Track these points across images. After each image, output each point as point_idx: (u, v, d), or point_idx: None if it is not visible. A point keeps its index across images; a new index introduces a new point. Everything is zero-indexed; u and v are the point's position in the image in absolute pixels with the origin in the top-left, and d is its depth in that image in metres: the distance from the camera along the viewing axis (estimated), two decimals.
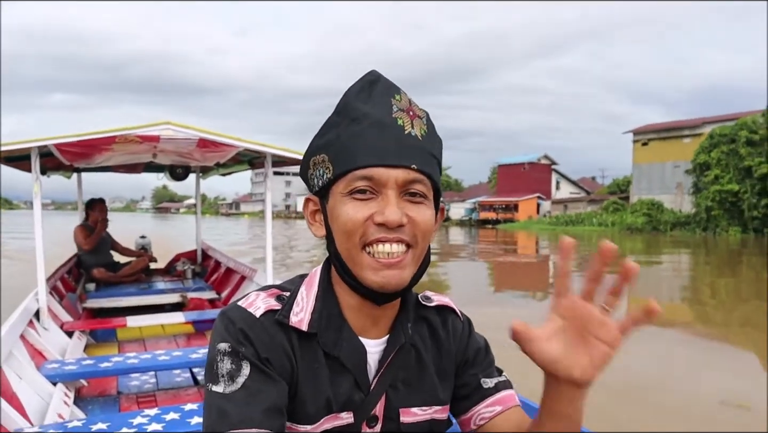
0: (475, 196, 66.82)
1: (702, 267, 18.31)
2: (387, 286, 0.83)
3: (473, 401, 0.98)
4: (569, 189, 63.61)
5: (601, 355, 0.74)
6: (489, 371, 1.01)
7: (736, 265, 18.71)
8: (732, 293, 12.39)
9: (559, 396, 0.79)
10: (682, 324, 8.54)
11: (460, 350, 1.00)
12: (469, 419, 0.98)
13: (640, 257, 20.29)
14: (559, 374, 0.76)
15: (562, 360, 0.75)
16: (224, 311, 0.87)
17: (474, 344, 1.01)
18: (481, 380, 0.98)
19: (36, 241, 3.90)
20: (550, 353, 0.75)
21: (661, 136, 47.50)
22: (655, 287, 12.91)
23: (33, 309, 3.80)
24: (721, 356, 6.86)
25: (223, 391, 0.80)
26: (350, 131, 0.84)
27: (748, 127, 37.61)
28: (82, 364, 3.18)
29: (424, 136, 0.85)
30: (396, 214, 0.80)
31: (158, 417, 2.36)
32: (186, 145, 4.16)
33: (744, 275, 15.83)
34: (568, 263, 0.74)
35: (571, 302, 0.75)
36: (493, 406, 0.96)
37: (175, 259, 7.32)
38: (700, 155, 40.22)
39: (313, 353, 0.88)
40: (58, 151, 3.88)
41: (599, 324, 0.73)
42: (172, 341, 4.56)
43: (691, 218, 41.30)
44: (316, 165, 0.88)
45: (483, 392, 0.98)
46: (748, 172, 37.41)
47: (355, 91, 0.87)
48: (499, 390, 0.98)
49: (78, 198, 7.37)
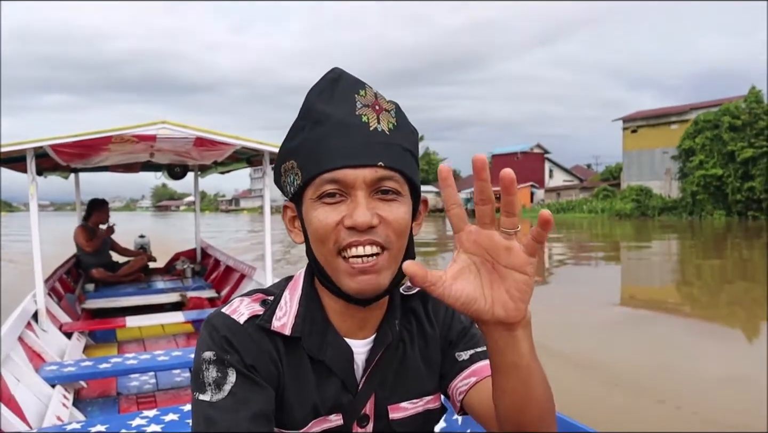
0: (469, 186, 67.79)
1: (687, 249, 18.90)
2: (364, 291, 0.81)
3: (450, 377, 0.95)
4: (563, 177, 64.78)
5: (517, 284, 0.67)
6: (469, 345, 0.96)
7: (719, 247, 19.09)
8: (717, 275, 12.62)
9: (497, 345, 0.72)
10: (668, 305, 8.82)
11: (443, 334, 0.97)
12: (452, 397, 0.96)
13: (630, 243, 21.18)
14: (482, 316, 0.69)
15: (478, 299, 0.68)
16: (208, 318, 0.86)
17: (457, 324, 0.98)
18: (456, 354, 0.95)
19: (33, 242, 3.89)
20: (462, 293, 0.68)
21: (650, 123, 48.29)
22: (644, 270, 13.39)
23: (31, 311, 3.79)
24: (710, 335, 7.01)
25: (210, 399, 0.79)
26: (314, 134, 0.82)
27: (731, 113, 38.60)
28: (80, 365, 3.17)
29: (392, 130, 0.83)
30: (364, 216, 0.78)
31: (157, 418, 2.35)
32: (183, 144, 4.14)
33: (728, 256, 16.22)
34: (453, 190, 0.67)
35: (472, 233, 0.68)
36: (468, 378, 0.93)
37: (174, 258, 7.31)
38: (686, 141, 41.37)
39: (298, 357, 0.87)
40: (54, 152, 3.86)
41: (505, 250, 0.67)
42: (172, 340, 4.54)
43: (677, 203, 42.48)
44: (286, 172, 0.86)
45: (458, 366, 0.95)
46: (731, 157, 38.52)
47: (316, 92, 0.85)
48: (474, 361, 0.94)
49: (76, 198, 7.36)
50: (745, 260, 14.99)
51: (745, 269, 13.24)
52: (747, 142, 37.65)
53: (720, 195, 39.45)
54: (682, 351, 6.09)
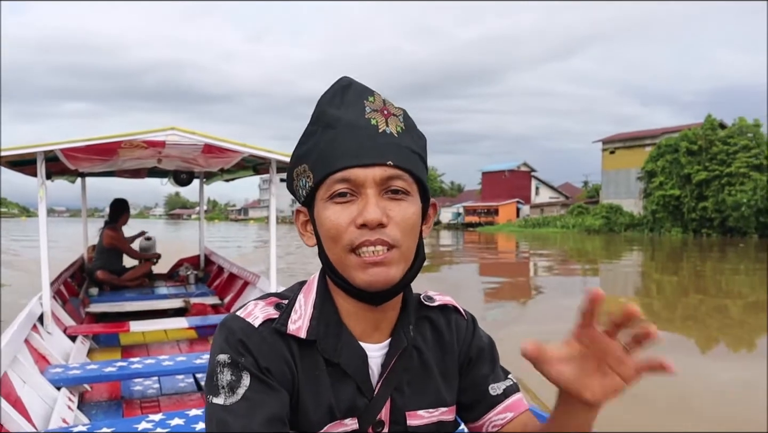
0: (465, 201, 72.30)
1: (635, 258, 22.06)
2: (375, 284, 0.82)
3: (483, 409, 0.98)
4: (549, 194, 68.37)
5: (613, 384, 0.75)
6: (495, 373, 1.00)
7: (673, 260, 21.32)
8: (668, 286, 13.56)
9: (568, 410, 0.81)
10: None
11: (464, 349, 0.99)
12: (480, 426, 0.98)
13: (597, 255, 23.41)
14: (570, 393, 0.77)
15: (574, 383, 0.76)
16: (223, 321, 0.87)
17: (478, 342, 1.01)
18: (489, 387, 0.98)
19: (41, 245, 3.92)
20: (564, 376, 0.76)
21: (626, 144, 52.75)
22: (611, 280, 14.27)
23: (37, 313, 3.81)
24: None
25: (223, 403, 0.80)
26: (326, 137, 0.84)
27: (689, 139, 43.47)
28: (86, 368, 3.18)
29: (400, 133, 0.85)
30: (375, 213, 0.80)
31: (163, 422, 2.36)
32: (191, 150, 4.17)
33: (673, 266, 18.17)
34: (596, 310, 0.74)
35: (595, 333, 0.75)
36: (505, 413, 0.97)
37: (177, 264, 7.33)
38: (648, 164, 46.05)
39: (313, 360, 0.88)
40: (65, 156, 3.90)
41: (618, 359, 0.74)
42: (175, 346, 4.56)
43: (641, 220, 47.20)
44: (298, 176, 0.89)
45: (492, 400, 0.98)
46: (687, 179, 43.35)
47: (327, 98, 0.87)
48: (508, 396, 0.98)
49: (82, 203, 7.40)
50: (699, 275, 15.95)
51: (691, 282, 14.16)
52: (702, 165, 42.45)
53: (678, 213, 44.19)
54: None
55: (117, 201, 6.47)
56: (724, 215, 40.83)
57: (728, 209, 40.22)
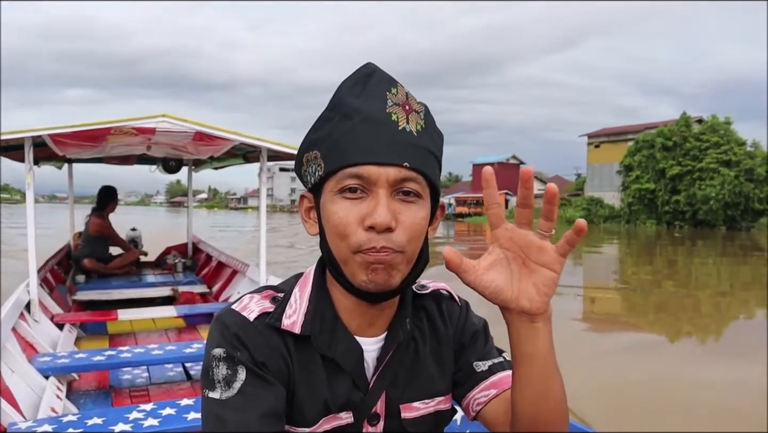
0: (457, 192, 73.59)
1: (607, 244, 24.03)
2: (375, 286, 0.81)
3: (467, 387, 0.96)
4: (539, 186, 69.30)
5: (544, 280, 0.75)
6: (484, 352, 0.98)
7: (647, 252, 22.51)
8: None
9: (518, 335, 0.80)
10: None
11: (457, 335, 0.98)
12: (467, 405, 0.96)
13: None
14: (508, 305, 0.77)
15: (506, 290, 0.76)
16: (219, 315, 0.86)
17: (471, 327, 0.99)
18: (474, 364, 0.96)
19: (28, 232, 3.86)
20: (492, 283, 0.76)
21: (610, 139, 54.69)
22: None
23: (24, 301, 3.77)
24: None
25: (219, 397, 0.79)
26: (342, 127, 0.81)
27: (664, 135, 45.67)
28: (74, 357, 3.15)
29: (420, 132, 0.83)
30: (385, 216, 0.78)
31: (154, 412, 2.35)
32: (182, 138, 4.13)
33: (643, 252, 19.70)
34: (494, 191, 0.74)
35: (508, 231, 0.76)
36: (488, 390, 0.94)
37: (165, 252, 7.26)
38: (626, 158, 48.22)
39: (309, 354, 0.87)
40: (53, 141, 3.84)
41: (538, 249, 0.75)
42: (163, 334, 4.53)
43: (619, 212, 49.41)
44: (308, 162, 0.86)
45: (477, 377, 0.95)
46: (662, 174, 45.49)
47: (348, 85, 0.84)
48: (494, 372, 0.95)
49: (69, 189, 7.32)
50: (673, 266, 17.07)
51: None
52: (676, 161, 44.82)
53: (652, 206, 46.43)
54: None
55: (105, 188, 6.38)
56: (695, 208, 43.33)
57: (698, 203, 42.80)
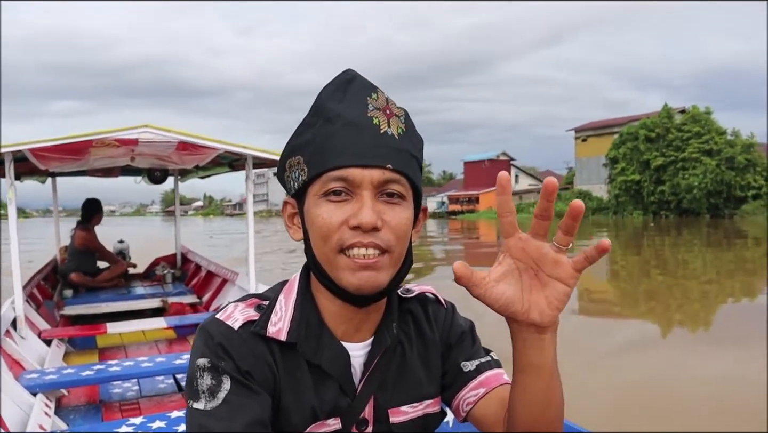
0: (449, 190, 74.32)
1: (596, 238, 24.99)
2: (363, 288, 0.81)
3: (456, 388, 0.95)
4: (529, 181, 70.15)
5: (557, 294, 0.73)
6: (471, 352, 0.97)
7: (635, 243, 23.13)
8: None
9: (524, 345, 0.78)
10: None
11: (443, 337, 0.98)
12: (457, 406, 0.96)
13: None
14: (517, 318, 0.75)
15: (516, 302, 0.74)
16: (203, 325, 0.86)
17: (457, 328, 0.99)
18: (461, 364, 0.96)
19: (11, 247, 3.81)
20: (503, 295, 0.74)
21: (597, 133, 55.77)
22: None
23: (10, 318, 3.71)
24: None
25: (204, 408, 0.79)
26: (325, 132, 0.82)
27: (647, 127, 46.85)
28: (62, 373, 3.11)
29: (401, 135, 0.84)
30: (370, 216, 0.78)
31: (144, 425, 2.32)
32: (165, 148, 4.09)
33: None
34: (508, 198, 0.71)
35: (521, 241, 0.73)
36: (477, 389, 0.94)
37: (154, 263, 7.21)
38: (612, 151, 49.38)
39: (295, 362, 0.86)
40: (34, 156, 3.79)
41: (553, 262, 0.72)
42: (154, 346, 4.48)
43: (606, 204, 50.71)
44: (291, 167, 0.86)
45: (464, 377, 0.95)
46: (646, 165, 46.74)
47: (330, 90, 0.85)
48: (482, 372, 0.95)
49: (53, 203, 7.24)
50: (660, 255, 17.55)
51: None
52: (659, 152, 46.20)
53: (638, 197, 47.68)
54: None
55: (89, 201, 6.32)
56: (680, 198, 44.60)
57: (682, 192, 44.08)
